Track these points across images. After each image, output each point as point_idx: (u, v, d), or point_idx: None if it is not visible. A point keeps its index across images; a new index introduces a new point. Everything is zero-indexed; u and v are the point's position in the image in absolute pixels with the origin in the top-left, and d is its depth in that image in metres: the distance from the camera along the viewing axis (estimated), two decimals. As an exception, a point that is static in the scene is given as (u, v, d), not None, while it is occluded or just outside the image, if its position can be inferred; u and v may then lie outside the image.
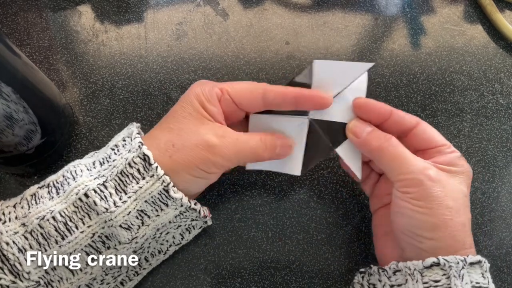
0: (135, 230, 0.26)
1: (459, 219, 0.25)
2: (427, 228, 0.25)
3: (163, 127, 0.27)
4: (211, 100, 0.27)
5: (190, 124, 0.27)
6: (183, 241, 0.31)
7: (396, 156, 0.26)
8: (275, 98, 0.27)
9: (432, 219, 0.25)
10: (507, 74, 0.40)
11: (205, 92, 0.27)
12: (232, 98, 0.28)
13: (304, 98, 0.27)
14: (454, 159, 0.27)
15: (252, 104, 0.28)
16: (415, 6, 0.43)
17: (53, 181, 0.26)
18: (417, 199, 0.25)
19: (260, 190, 0.34)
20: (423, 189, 0.25)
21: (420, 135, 0.28)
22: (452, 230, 0.25)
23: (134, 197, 0.25)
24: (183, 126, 0.27)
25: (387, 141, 0.27)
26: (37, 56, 0.37)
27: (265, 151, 0.28)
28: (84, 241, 0.25)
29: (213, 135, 0.26)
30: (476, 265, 0.25)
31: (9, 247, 0.24)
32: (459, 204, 0.25)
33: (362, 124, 0.28)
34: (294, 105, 0.28)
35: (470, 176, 0.27)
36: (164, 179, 0.25)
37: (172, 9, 0.40)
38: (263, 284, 0.31)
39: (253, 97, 0.28)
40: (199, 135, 0.26)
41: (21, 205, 0.26)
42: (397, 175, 0.26)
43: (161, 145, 0.26)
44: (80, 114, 0.35)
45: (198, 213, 0.28)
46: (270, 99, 0.27)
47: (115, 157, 0.26)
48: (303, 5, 0.41)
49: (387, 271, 0.26)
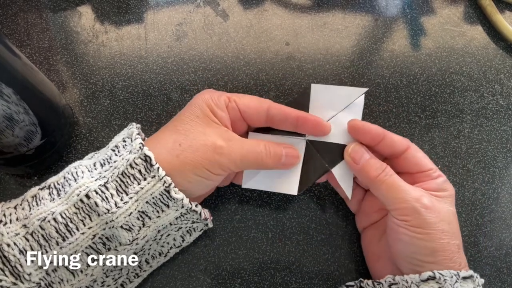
0: (136, 231, 0.26)
1: (454, 241, 0.26)
2: (427, 253, 0.26)
3: (169, 128, 0.28)
4: (219, 105, 0.28)
5: (198, 126, 0.27)
6: (184, 243, 0.31)
7: (392, 186, 0.27)
8: (278, 114, 0.29)
9: (431, 244, 0.26)
10: (507, 75, 0.40)
11: (214, 98, 0.28)
12: (239, 107, 0.28)
13: (305, 121, 0.29)
14: (442, 184, 0.28)
15: (256, 116, 0.29)
16: (415, 7, 0.43)
17: (54, 183, 0.26)
18: (415, 226, 0.26)
19: (260, 191, 0.34)
20: (419, 216, 0.26)
21: (410, 159, 0.29)
22: (449, 253, 0.26)
23: (135, 198, 0.25)
24: (190, 127, 0.27)
25: (384, 170, 0.28)
26: (37, 57, 0.37)
27: (269, 158, 0.28)
28: (84, 243, 0.25)
29: (220, 137, 0.27)
30: (468, 280, 0.26)
31: (10, 249, 0.24)
32: (453, 227, 0.27)
33: (361, 150, 0.29)
34: (294, 125, 0.29)
35: (454, 195, 0.29)
36: (165, 179, 0.25)
37: (172, 10, 0.40)
38: (263, 285, 0.31)
39: (258, 109, 0.29)
40: (206, 136, 0.26)
41: (22, 206, 0.26)
42: (393, 204, 0.27)
43: (168, 145, 0.26)
44: (80, 115, 0.35)
45: (199, 215, 0.28)
46: (273, 114, 0.29)
47: (115, 158, 0.26)
48: (303, 6, 0.41)
49: (382, 284, 0.27)
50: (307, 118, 0.29)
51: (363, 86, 0.30)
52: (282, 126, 0.30)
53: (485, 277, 0.33)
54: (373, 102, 0.38)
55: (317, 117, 0.29)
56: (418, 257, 0.26)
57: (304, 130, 0.30)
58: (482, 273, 0.33)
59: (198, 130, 0.27)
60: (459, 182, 0.36)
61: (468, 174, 0.36)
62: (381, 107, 0.38)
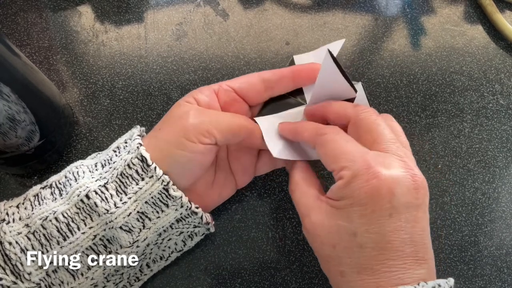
0: (136, 233, 0.26)
1: (337, 268, 0.24)
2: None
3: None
4: (203, 92, 0.28)
5: (175, 108, 0.27)
6: (185, 248, 0.30)
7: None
8: (272, 76, 0.29)
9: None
10: (507, 74, 0.40)
11: (200, 89, 0.28)
12: (232, 87, 0.28)
13: (300, 71, 0.29)
14: (342, 188, 0.24)
15: (253, 88, 0.29)
16: (415, 6, 0.43)
17: (55, 182, 0.26)
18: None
19: (260, 191, 0.34)
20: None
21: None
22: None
23: (134, 198, 0.25)
24: (169, 113, 0.27)
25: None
26: (37, 57, 0.37)
27: (254, 125, 0.28)
28: (85, 243, 0.25)
29: (193, 108, 0.26)
30: None
31: (12, 247, 0.24)
32: (339, 250, 0.23)
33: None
34: (292, 81, 0.29)
35: (365, 200, 0.24)
36: (163, 178, 0.25)
37: (172, 9, 0.40)
38: (263, 284, 0.31)
39: (252, 80, 0.29)
40: (180, 111, 0.26)
41: (24, 205, 0.26)
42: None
43: (151, 134, 0.27)
44: (80, 114, 0.35)
45: (200, 218, 0.28)
46: (268, 77, 0.29)
47: (116, 159, 0.26)
48: (303, 5, 0.41)
49: None
50: (300, 67, 0.29)
51: (364, 86, 0.30)
52: (281, 88, 0.29)
53: (485, 277, 0.33)
54: (373, 101, 0.38)
55: (309, 63, 0.29)
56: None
57: (302, 80, 0.29)
58: (482, 272, 0.33)
59: (175, 111, 0.27)
60: (459, 182, 0.36)
61: (468, 173, 0.36)
62: (381, 106, 0.38)
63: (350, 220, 0.22)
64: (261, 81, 0.28)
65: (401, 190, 0.21)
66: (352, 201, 0.22)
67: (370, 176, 0.22)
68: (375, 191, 0.21)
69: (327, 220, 0.23)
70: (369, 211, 0.22)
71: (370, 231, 0.22)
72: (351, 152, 0.23)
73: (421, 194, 0.22)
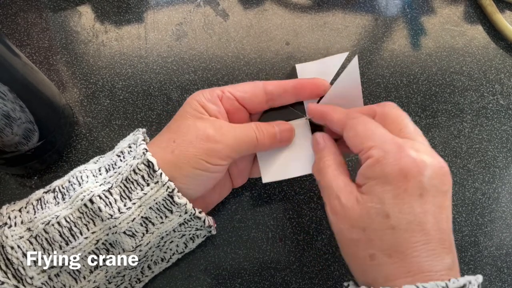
0: (139, 237, 0.26)
1: (367, 251, 0.23)
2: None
3: (164, 130, 0.28)
4: (211, 100, 0.28)
5: (188, 121, 0.27)
6: (187, 250, 0.30)
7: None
8: (275, 88, 0.29)
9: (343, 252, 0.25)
10: (507, 74, 0.40)
11: (205, 94, 0.28)
12: (234, 95, 0.28)
13: (302, 86, 0.29)
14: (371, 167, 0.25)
15: (255, 98, 0.29)
16: (415, 6, 0.43)
17: (58, 186, 0.26)
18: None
19: (260, 191, 0.34)
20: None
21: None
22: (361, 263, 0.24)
23: (139, 204, 0.25)
24: (181, 123, 0.27)
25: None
26: (37, 57, 0.37)
27: (263, 137, 0.28)
28: (88, 248, 0.25)
29: (211, 126, 0.27)
30: None
31: (14, 251, 0.23)
32: (369, 233, 0.23)
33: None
34: (294, 94, 0.29)
35: (395, 177, 0.24)
36: (169, 185, 0.25)
37: (172, 10, 0.40)
38: (263, 284, 0.31)
39: (255, 90, 0.29)
40: (197, 128, 0.26)
41: (26, 209, 0.25)
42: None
43: (162, 144, 0.26)
44: (80, 114, 0.35)
45: (202, 222, 0.28)
46: (271, 89, 0.29)
47: (120, 164, 0.26)
48: (303, 5, 0.41)
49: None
50: (303, 82, 0.29)
51: (364, 85, 0.30)
52: (283, 100, 0.29)
53: (485, 277, 0.33)
54: (374, 101, 0.38)
55: (311, 78, 0.30)
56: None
57: (304, 94, 0.29)
58: (482, 272, 0.33)
59: (189, 124, 0.27)
60: (459, 182, 0.36)
61: (468, 173, 0.36)
62: (381, 106, 0.38)
63: (382, 202, 0.22)
64: (264, 92, 0.28)
65: (430, 173, 0.22)
66: (384, 180, 0.22)
67: (401, 154, 0.22)
68: (407, 169, 0.22)
69: (357, 203, 0.23)
70: (401, 190, 0.22)
71: (403, 212, 0.22)
72: (382, 134, 0.24)
73: (447, 181, 0.23)
